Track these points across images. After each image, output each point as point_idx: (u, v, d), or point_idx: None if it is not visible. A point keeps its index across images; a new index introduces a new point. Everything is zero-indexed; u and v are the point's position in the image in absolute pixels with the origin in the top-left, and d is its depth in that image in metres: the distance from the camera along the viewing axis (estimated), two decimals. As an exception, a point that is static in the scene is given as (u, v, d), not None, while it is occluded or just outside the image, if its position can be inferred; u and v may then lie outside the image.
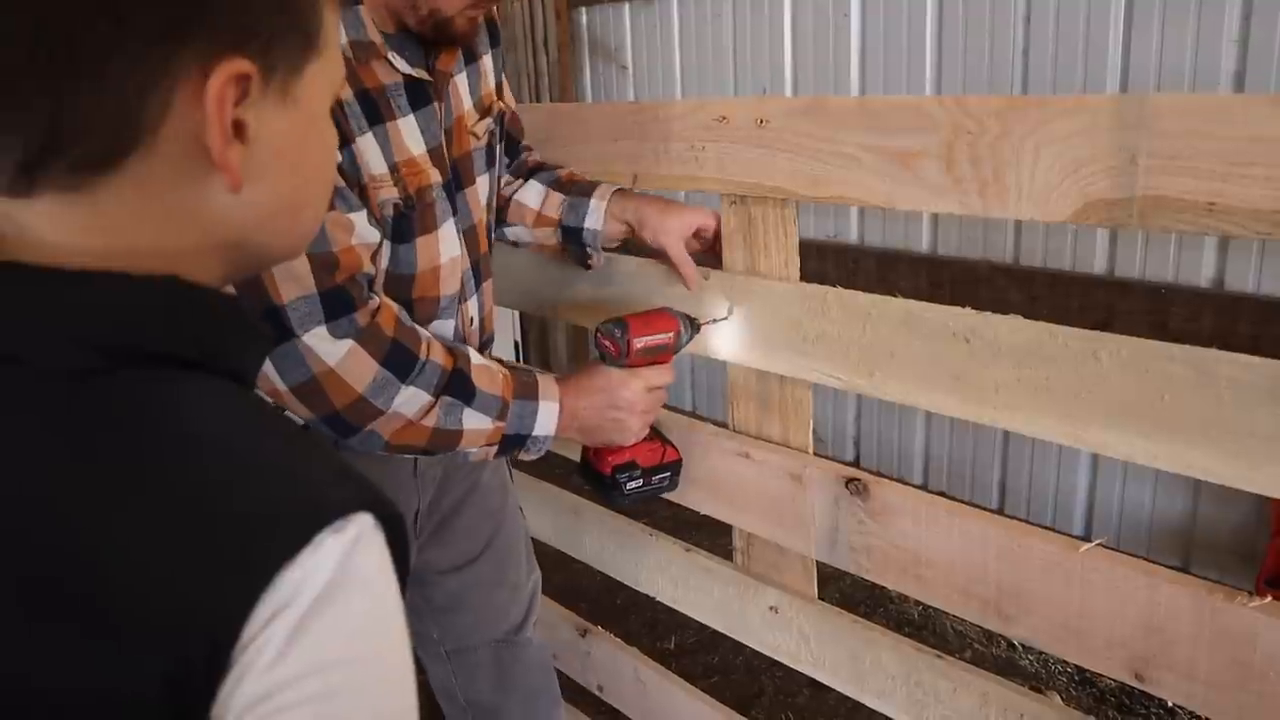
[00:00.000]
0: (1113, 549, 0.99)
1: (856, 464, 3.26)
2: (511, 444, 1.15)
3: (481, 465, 1.40)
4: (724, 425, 1.36)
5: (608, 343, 1.19)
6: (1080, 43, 2.42)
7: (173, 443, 0.45)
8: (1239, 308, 2.23)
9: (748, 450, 1.29)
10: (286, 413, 1.03)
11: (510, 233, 1.39)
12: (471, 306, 1.22)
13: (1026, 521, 2.70)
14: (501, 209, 1.37)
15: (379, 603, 0.46)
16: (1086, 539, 1.01)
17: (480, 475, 1.40)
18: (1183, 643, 0.92)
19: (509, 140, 1.35)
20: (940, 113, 0.98)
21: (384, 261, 1.09)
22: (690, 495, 1.39)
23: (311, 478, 0.47)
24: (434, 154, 1.10)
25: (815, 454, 1.26)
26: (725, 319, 1.26)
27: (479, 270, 1.22)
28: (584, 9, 3.80)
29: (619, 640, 1.73)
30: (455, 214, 1.15)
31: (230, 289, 0.56)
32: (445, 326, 1.19)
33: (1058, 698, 2.18)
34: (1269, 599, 0.87)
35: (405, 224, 1.08)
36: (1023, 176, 0.93)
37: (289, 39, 0.49)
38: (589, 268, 1.38)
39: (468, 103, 1.18)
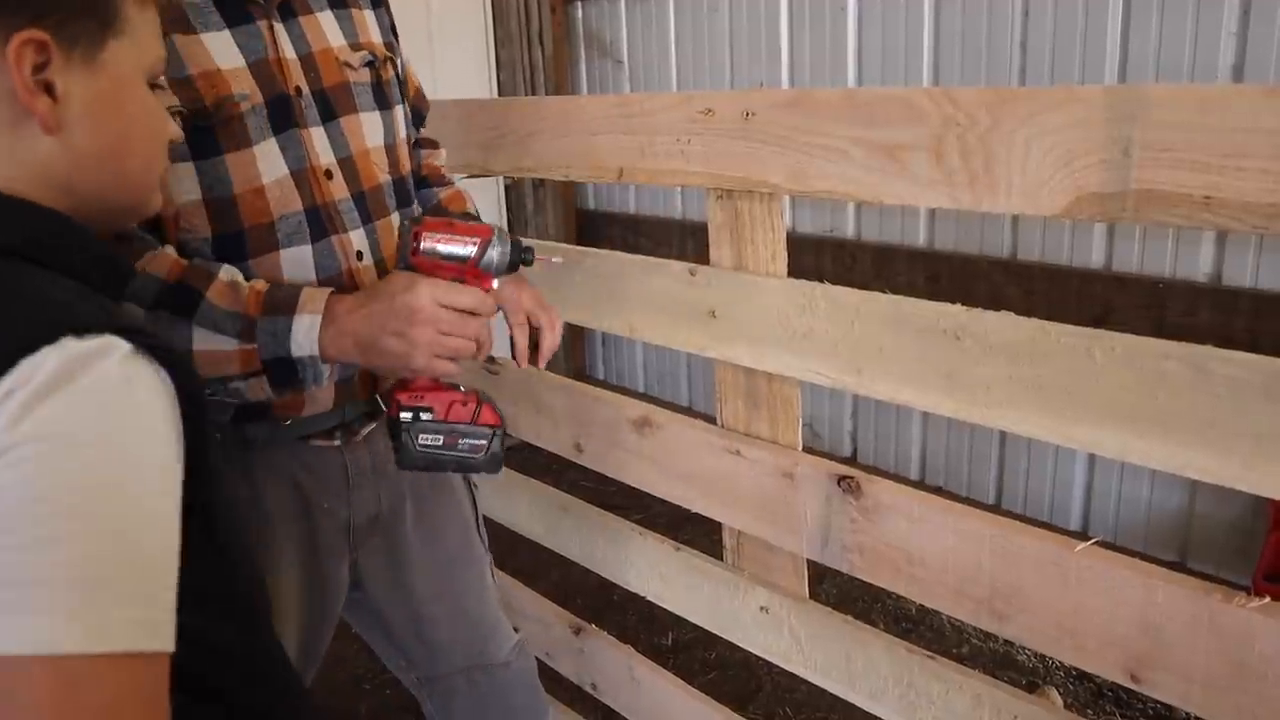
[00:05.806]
0: (1109, 546, 0.98)
1: (853, 459, 3.25)
2: (282, 370, 1.03)
3: (429, 489, 1.31)
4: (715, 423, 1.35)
5: (399, 237, 1.07)
6: (1078, 36, 2.40)
7: None
8: (1237, 302, 2.22)
9: (738, 447, 1.27)
10: None
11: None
12: (355, 239, 1.16)
13: (1023, 516, 2.70)
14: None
15: (123, 408, 0.57)
16: (1083, 533, 1.00)
17: (435, 506, 1.33)
18: (1179, 643, 0.90)
19: (414, 112, 1.35)
20: (929, 105, 0.96)
21: (196, 185, 1.05)
22: (680, 492, 1.37)
23: (63, 300, 0.61)
24: (256, 69, 1.07)
25: (809, 450, 1.24)
26: (558, 261, 1.20)
27: (365, 203, 1.17)
28: (579, 3, 3.78)
29: (612, 638, 1.71)
30: (280, 133, 1.09)
31: None
32: (301, 255, 1.11)
33: (1055, 692, 2.16)
34: (1266, 599, 0.86)
35: (207, 138, 1.05)
36: (1013, 170, 0.91)
37: (83, 20, 0.66)
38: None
39: (336, 40, 1.16)
